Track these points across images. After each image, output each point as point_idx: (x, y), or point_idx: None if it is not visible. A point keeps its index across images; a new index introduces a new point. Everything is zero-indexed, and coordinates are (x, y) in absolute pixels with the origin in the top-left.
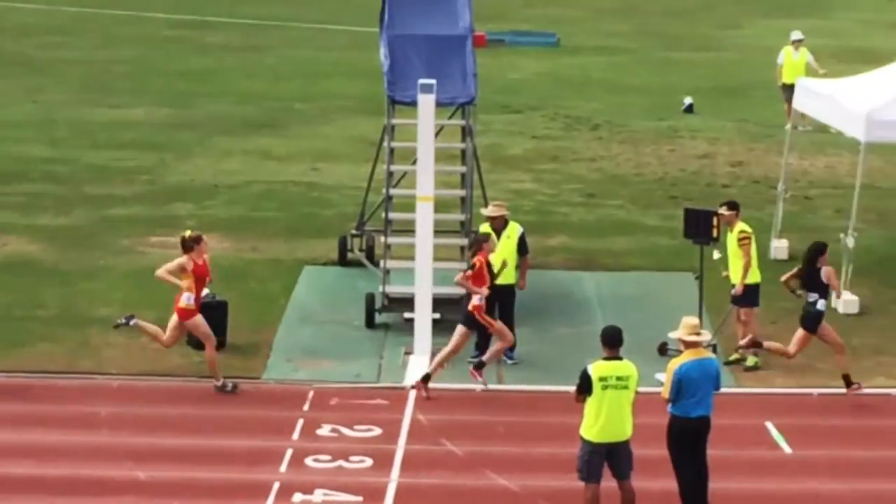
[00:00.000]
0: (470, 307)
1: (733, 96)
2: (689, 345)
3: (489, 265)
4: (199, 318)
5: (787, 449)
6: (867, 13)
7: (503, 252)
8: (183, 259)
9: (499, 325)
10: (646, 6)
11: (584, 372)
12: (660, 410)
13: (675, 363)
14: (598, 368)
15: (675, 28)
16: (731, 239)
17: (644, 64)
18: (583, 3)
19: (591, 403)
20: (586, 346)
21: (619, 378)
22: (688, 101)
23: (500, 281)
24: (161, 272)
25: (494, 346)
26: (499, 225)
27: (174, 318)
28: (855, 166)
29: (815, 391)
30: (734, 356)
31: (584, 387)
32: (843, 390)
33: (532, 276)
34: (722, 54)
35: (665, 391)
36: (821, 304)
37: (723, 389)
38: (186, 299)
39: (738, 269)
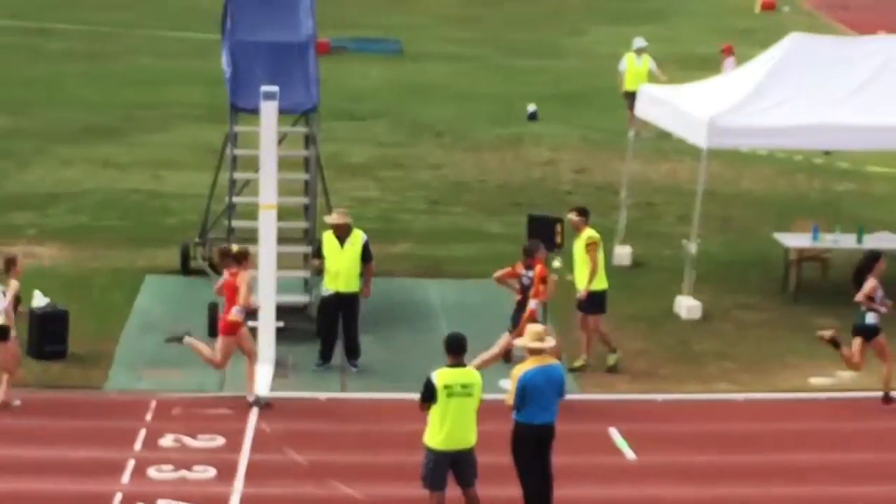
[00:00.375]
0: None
1: (576, 103)
2: (534, 352)
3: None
4: (246, 331)
5: (630, 455)
6: (709, 20)
7: (347, 260)
8: (246, 276)
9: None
10: (489, 14)
11: (428, 380)
12: (504, 417)
13: (519, 370)
14: (442, 376)
15: (519, 35)
16: (579, 245)
17: (488, 71)
18: (427, 10)
19: (435, 411)
20: (430, 354)
21: (463, 385)
22: (531, 108)
23: (343, 289)
24: (249, 302)
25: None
26: (342, 232)
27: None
28: (696, 173)
29: (659, 397)
30: (579, 362)
31: (429, 395)
32: (690, 396)
33: (376, 283)
34: (565, 62)
35: (509, 398)
36: (869, 318)
37: (567, 396)
38: (238, 312)
39: (584, 275)
